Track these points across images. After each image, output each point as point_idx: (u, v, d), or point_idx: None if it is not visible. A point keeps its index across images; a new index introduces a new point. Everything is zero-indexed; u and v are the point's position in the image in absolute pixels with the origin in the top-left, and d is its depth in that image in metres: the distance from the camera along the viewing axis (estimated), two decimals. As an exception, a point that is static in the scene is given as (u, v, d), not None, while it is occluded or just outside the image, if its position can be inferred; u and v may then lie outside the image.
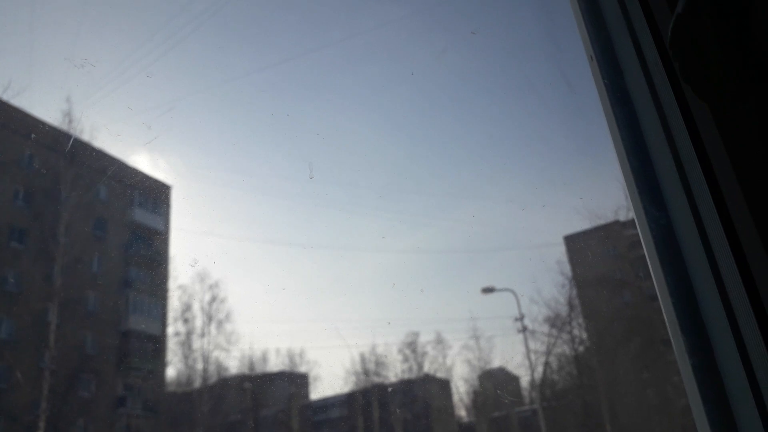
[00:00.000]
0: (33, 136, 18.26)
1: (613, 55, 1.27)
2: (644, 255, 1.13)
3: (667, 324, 1.06)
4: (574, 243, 25.03)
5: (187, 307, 20.30)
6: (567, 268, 24.39)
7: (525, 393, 23.68)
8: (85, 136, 19.32)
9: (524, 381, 24.08)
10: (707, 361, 0.99)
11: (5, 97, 17.17)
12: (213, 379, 20.16)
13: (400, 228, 23.04)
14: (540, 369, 23.19)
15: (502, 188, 23.75)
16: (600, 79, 1.27)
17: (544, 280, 27.06)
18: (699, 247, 1.00)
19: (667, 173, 1.10)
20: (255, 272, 23.64)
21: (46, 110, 20.02)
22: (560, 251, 25.72)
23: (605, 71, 1.26)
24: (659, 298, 1.10)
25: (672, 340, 1.06)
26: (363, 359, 22.80)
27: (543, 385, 23.32)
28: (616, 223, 23.84)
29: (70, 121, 18.13)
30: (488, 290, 21.91)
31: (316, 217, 23.13)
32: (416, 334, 23.50)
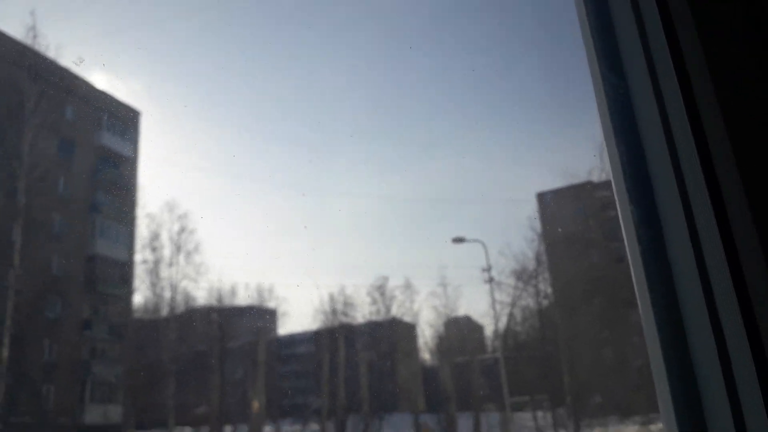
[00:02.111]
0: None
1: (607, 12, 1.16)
2: (616, 216, 1.08)
3: (636, 287, 1.01)
4: (545, 200, 25.22)
5: (155, 236, 20.01)
6: (537, 224, 24.61)
7: (488, 342, 24.20)
8: (51, 54, 18.46)
9: (488, 330, 24.58)
10: (677, 333, 0.94)
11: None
12: (180, 309, 20.11)
13: (371, 172, 22.88)
14: (504, 320, 23.65)
15: (477, 140, 23.61)
16: (588, 35, 1.17)
17: (513, 235, 27.28)
18: (684, 233, 0.92)
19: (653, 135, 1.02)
20: (225, 206, 23.31)
21: (9, 23, 18.98)
22: (532, 207, 25.86)
23: (595, 27, 1.15)
24: (633, 275, 1.03)
25: (639, 303, 0.99)
26: (332, 299, 22.95)
27: (506, 335, 23.83)
28: (589, 183, 24.00)
29: (35, 36, 17.30)
30: (458, 240, 22.08)
31: (288, 155, 22.79)
32: (386, 278, 23.67)
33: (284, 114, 22.47)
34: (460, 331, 24.52)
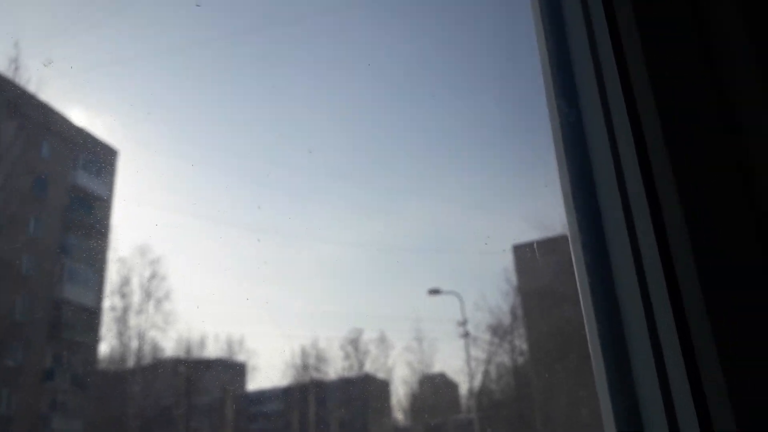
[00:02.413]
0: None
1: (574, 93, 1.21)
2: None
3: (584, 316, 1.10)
4: (521, 252, 25.49)
5: (125, 281, 19.20)
6: (513, 277, 24.80)
7: (463, 400, 23.86)
8: (31, 87, 17.97)
9: (463, 388, 24.25)
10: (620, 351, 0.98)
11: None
12: (147, 360, 19.14)
13: (344, 219, 22.72)
14: (479, 377, 23.42)
15: (453, 188, 23.83)
16: (551, 92, 1.23)
17: (489, 287, 27.27)
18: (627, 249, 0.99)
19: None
20: (198, 251, 22.64)
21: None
22: (507, 259, 26.06)
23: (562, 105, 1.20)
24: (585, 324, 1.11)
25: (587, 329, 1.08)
26: (303, 352, 22.34)
27: (481, 394, 23.56)
28: (564, 236, 24.50)
29: (16, 69, 16.86)
30: (434, 292, 22.03)
31: (262, 198, 22.46)
32: (360, 331, 23.31)
33: (259, 157, 22.27)
34: (434, 389, 24.11)
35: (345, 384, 22.77)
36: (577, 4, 1.12)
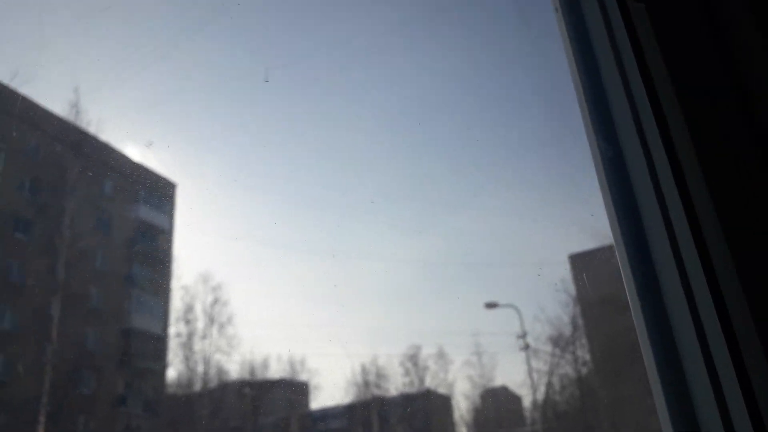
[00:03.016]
0: (40, 126, 17.93)
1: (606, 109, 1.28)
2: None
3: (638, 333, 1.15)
4: (579, 261, 24.98)
5: (189, 308, 19.96)
6: (571, 287, 24.26)
7: (527, 413, 23.44)
8: (92, 129, 19.03)
9: (526, 401, 23.84)
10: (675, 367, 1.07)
11: (13, 85, 16.85)
12: (213, 383, 19.79)
13: (397, 236, 22.86)
14: (542, 389, 22.97)
15: (505, 200, 23.64)
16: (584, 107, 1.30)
17: (547, 298, 26.80)
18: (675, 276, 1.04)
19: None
20: (257, 275, 23.26)
21: (54, 100, 19.67)
22: (565, 269, 25.56)
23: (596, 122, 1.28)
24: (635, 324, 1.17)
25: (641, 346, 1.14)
26: (364, 370, 22.52)
27: (545, 406, 23.10)
28: (623, 244, 23.94)
29: (77, 113, 17.85)
30: (491, 305, 21.77)
31: (317, 221, 22.87)
32: (418, 347, 23.26)
33: (310, 180, 22.72)
34: (497, 403, 23.80)
35: (406, 400, 22.82)
36: (607, 47, 1.18)
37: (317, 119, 20.86)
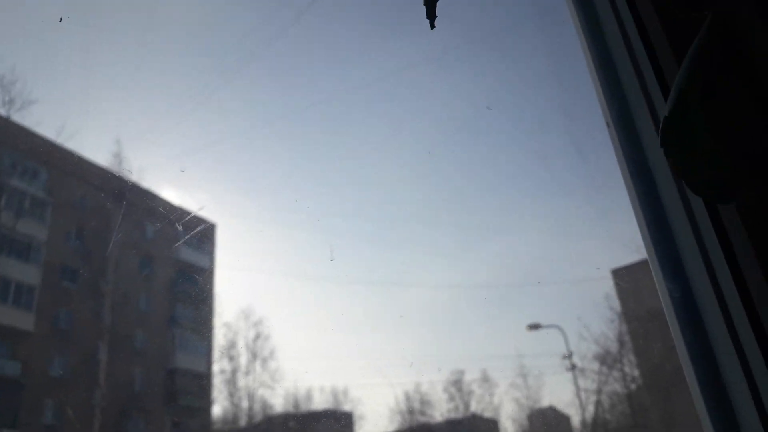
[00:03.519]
0: (85, 177, 18.83)
1: (630, 122, 1.30)
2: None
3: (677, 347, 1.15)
4: (622, 276, 24.43)
5: (232, 345, 20.39)
6: (616, 303, 23.73)
7: (576, 433, 22.88)
8: (134, 177, 19.87)
9: (575, 420, 23.29)
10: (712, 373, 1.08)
11: (59, 141, 17.81)
12: (258, 417, 20.06)
13: (435, 262, 22.85)
14: (591, 408, 22.41)
15: (539, 220, 23.42)
16: (618, 147, 1.32)
17: (591, 316, 26.26)
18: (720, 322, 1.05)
19: (686, 245, 1.16)
20: (298, 309, 23.63)
21: (98, 152, 20.67)
22: (608, 285, 25.04)
23: (622, 138, 1.30)
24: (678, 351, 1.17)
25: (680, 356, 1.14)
26: (407, 397, 22.43)
27: (595, 425, 22.53)
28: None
29: (120, 162, 18.68)
30: (534, 327, 21.43)
31: (353, 252, 23.12)
32: (461, 372, 23.06)
33: (346, 210, 23.07)
34: (545, 424, 23.33)
35: (452, 426, 22.59)
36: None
37: (351, 149, 21.30)
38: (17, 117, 16.95)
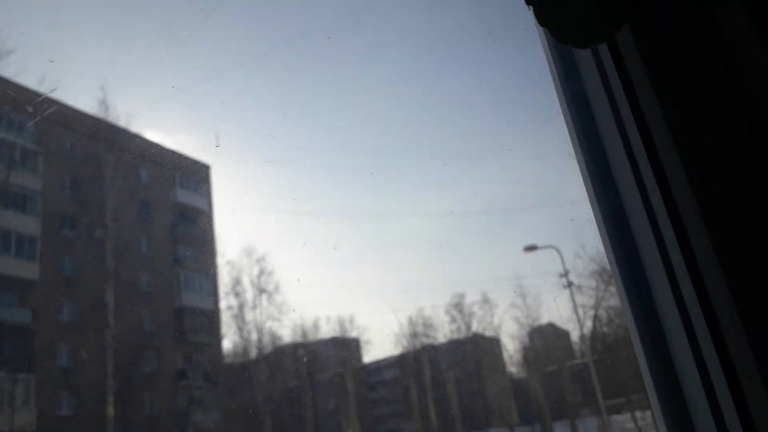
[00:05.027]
0: (72, 126, 18.67)
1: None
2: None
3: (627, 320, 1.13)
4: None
5: (237, 282, 20.79)
6: (611, 219, 24.02)
7: (576, 347, 23.59)
8: (122, 122, 19.70)
9: (574, 335, 23.96)
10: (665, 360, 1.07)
11: (42, 90, 17.54)
12: (268, 349, 20.71)
13: (429, 192, 22.94)
14: (589, 323, 23.02)
15: (530, 145, 23.33)
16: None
17: (587, 235, 26.58)
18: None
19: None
20: (298, 244, 23.94)
21: (83, 100, 20.39)
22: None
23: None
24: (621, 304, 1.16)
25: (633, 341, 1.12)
26: (411, 322, 23.02)
27: (593, 339, 23.18)
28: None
29: (106, 109, 18.49)
30: (531, 248, 21.74)
31: (351, 186, 23.19)
32: (462, 295, 23.56)
33: (341, 145, 22.98)
34: (545, 340, 24.04)
35: (456, 345, 23.32)
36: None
37: (340, 84, 20.97)
38: (-3, 68, 16.64)
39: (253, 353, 20.46)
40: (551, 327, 24.24)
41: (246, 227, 22.04)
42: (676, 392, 1.04)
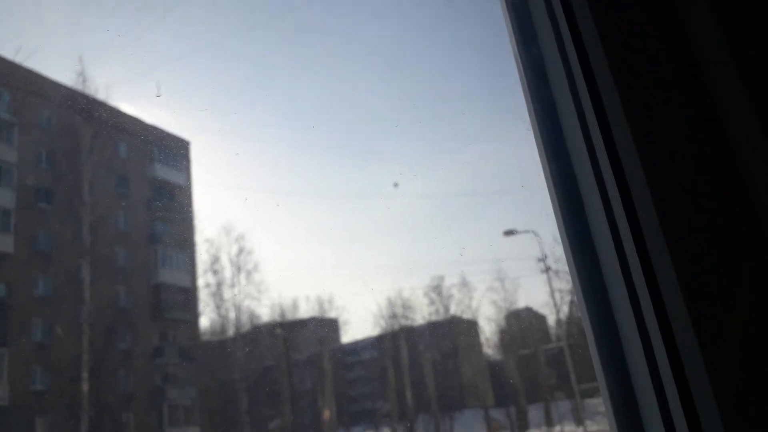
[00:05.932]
0: (48, 97, 18.24)
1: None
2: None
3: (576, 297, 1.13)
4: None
5: (215, 260, 20.65)
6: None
7: (552, 331, 23.89)
8: (100, 95, 19.32)
9: (551, 320, 24.25)
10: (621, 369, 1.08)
11: (18, 60, 17.09)
12: (246, 328, 20.64)
13: (408, 173, 22.90)
14: (565, 308, 23.31)
15: (510, 128, 23.34)
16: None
17: (566, 220, 26.80)
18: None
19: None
20: (277, 223, 23.82)
21: (60, 71, 19.92)
22: (583, 189, 25.42)
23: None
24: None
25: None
26: (390, 303, 23.12)
27: (569, 323, 23.50)
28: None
29: (84, 81, 18.10)
30: (510, 233, 21.85)
31: (331, 166, 23.07)
32: (441, 278, 23.68)
33: (320, 127, 22.81)
34: (521, 324, 24.32)
35: (433, 327, 23.51)
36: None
37: (319, 66, 20.74)
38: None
39: (231, 331, 20.40)
40: (528, 311, 24.50)
41: (226, 205, 21.87)
42: (628, 393, 1.05)
